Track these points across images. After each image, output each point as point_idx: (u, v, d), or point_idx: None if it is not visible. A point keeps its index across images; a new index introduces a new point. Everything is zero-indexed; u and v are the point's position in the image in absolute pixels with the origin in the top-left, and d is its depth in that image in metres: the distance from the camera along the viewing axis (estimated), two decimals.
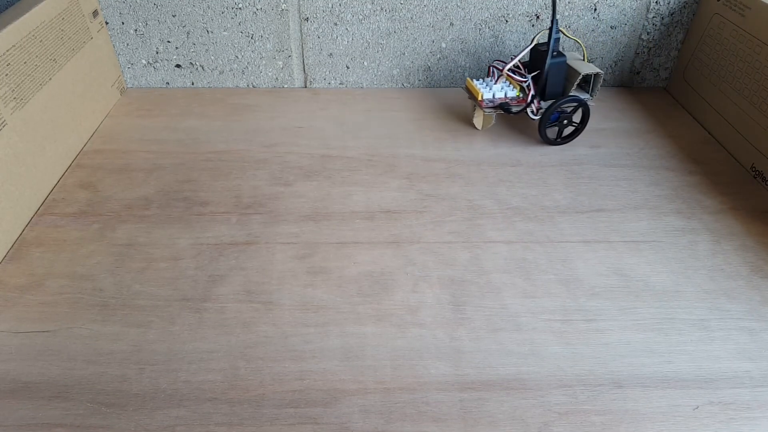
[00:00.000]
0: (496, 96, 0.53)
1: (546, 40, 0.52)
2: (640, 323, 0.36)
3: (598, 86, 0.53)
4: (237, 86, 0.64)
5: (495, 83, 0.53)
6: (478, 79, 0.55)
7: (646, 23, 0.60)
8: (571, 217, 0.45)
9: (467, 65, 0.63)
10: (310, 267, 0.40)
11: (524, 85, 0.53)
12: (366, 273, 0.40)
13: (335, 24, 0.60)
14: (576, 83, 0.52)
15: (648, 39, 0.62)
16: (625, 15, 0.60)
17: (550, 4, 0.55)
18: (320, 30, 0.60)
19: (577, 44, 0.61)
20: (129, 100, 0.61)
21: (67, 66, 0.51)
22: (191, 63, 0.62)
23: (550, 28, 0.50)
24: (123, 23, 0.60)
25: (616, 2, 0.59)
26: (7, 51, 0.43)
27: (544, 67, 0.51)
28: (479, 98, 0.52)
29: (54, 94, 0.49)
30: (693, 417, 0.31)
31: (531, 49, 0.53)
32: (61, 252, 0.41)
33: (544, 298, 0.38)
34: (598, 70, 0.51)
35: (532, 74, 0.52)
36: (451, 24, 0.60)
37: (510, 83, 0.54)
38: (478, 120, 0.56)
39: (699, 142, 0.55)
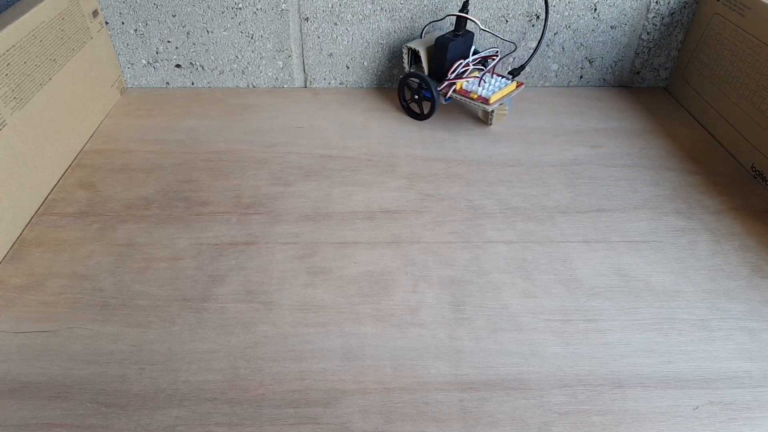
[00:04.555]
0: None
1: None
2: (640, 323, 0.36)
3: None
4: (237, 86, 0.64)
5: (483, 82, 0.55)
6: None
7: (646, 23, 0.60)
8: (571, 217, 0.45)
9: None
10: (310, 267, 0.40)
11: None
12: (366, 273, 0.40)
13: (335, 24, 0.60)
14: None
15: (648, 39, 0.62)
16: (625, 15, 0.60)
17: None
18: (320, 30, 0.60)
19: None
20: (129, 100, 0.61)
21: (67, 66, 0.51)
22: (191, 63, 0.62)
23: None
24: (123, 23, 0.60)
25: (616, 2, 0.59)
26: (7, 51, 0.43)
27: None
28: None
29: (54, 94, 0.49)
30: (693, 417, 0.31)
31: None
32: (61, 252, 0.41)
33: (544, 298, 0.38)
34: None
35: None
36: (452, 24, 0.60)
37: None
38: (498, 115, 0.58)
39: (699, 142, 0.55)
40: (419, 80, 0.55)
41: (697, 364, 0.34)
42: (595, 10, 0.59)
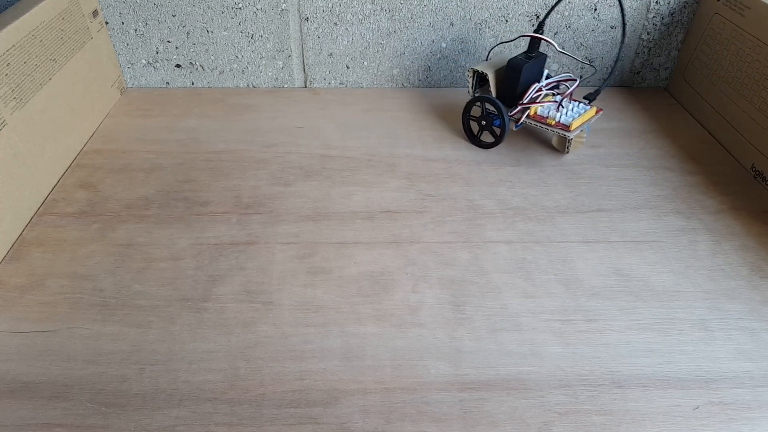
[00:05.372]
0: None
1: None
2: (640, 323, 0.36)
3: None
4: (237, 86, 0.64)
5: (562, 107, 0.51)
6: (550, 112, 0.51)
7: (646, 23, 0.60)
8: (572, 217, 0.45)
9: (467, 65, 0.63)
10: (310, 267, 0.40)
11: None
12: (366, 273, 0.40)
13: (335, 24, 0.60)
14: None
15: (648, 39, 0.62)
16: (625, 15, 0.60)
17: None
18: (320, 30, 0.60)
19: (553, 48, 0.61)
20: (129, 100, 0.61)
21: (67, 66, 0.51)
22: (191, 63, 0.62)
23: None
24: (123, 23, 0.60)
25: (616, 2, 0.59)
26: (7, 51, 0.43)
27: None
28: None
29: (54, 94, 0.49)
30: (693, 417, 0.31)
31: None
32: (61, 252, 0.41)
33: (544, 298, 0.38)
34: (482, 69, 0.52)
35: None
36: (451, 24, 0.60)
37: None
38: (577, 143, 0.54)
39: (699, 142, 0.55)
40: (489, 104, 0.52)
41: (697, 364, 0.34)
42: (595, 10, 0.59)
